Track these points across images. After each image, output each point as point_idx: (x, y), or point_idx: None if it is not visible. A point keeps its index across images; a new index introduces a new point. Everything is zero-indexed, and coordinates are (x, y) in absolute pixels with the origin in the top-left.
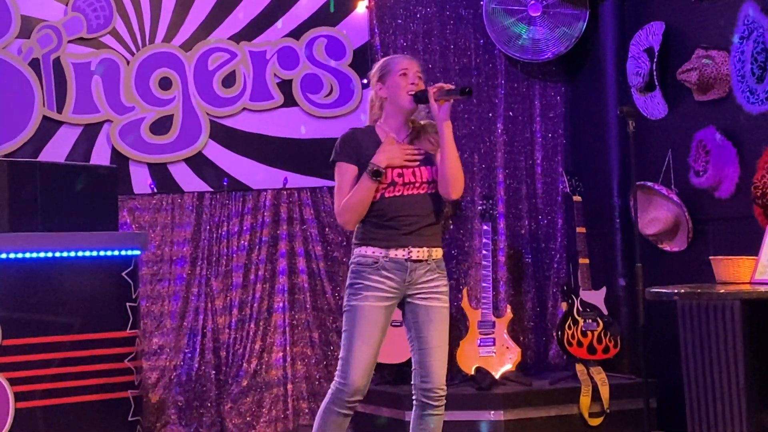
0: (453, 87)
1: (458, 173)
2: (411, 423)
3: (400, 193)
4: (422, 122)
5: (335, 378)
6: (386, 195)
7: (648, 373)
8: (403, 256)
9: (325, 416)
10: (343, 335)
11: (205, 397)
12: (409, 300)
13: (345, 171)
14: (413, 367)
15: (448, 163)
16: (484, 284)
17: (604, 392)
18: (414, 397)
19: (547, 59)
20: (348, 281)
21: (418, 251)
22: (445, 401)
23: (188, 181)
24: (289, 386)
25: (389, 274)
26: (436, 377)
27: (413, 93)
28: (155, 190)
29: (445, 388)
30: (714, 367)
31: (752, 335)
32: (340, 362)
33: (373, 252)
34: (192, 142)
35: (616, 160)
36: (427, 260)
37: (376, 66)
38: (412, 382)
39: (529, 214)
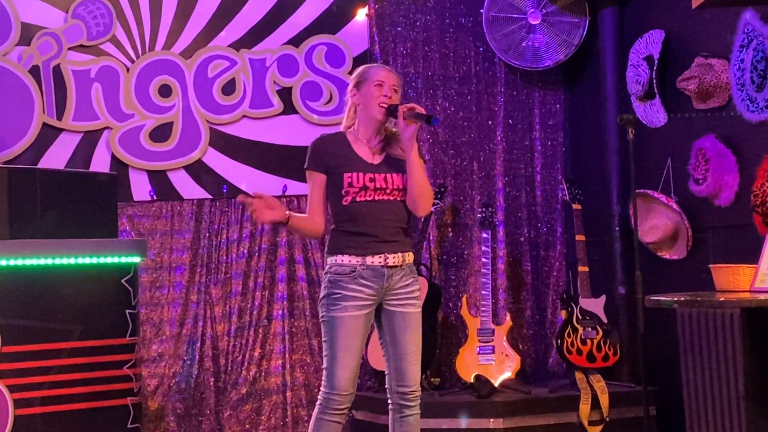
0: (423, 112)
1: (425, 191)
2: (390, 427)
3: (371, 197)
4: (393, 129)
5: (322, 388)
6: (358, 199)
7: (647, 381)
8: (380, 263)
9: (317, 427)
10: (324, 345)
11: (204, 404)
12: (385, 306)
13: (312, 179)
14: (387, 372)
15: (414, 182)
16: (483, 292)
17: (604, 400)
18: (390, 401)
19: (547, 67)
20: (324, 291)
21: (394, 257)
22: (419, 400)
23: (188, 188)
24: (288, 394)
25: (367, 282)
26: (412, 380)
27: (386, 105)
28: (155, 197)
29: (420, 388)
30: (714, 375)
31: (752, 343)
32: (324, 372)
33: (350, 260)
34: (192, 149)
35: (616, 168)
36: (401, 265)
37: (356, 72)
38: (386, 386)
39: (529, 221)
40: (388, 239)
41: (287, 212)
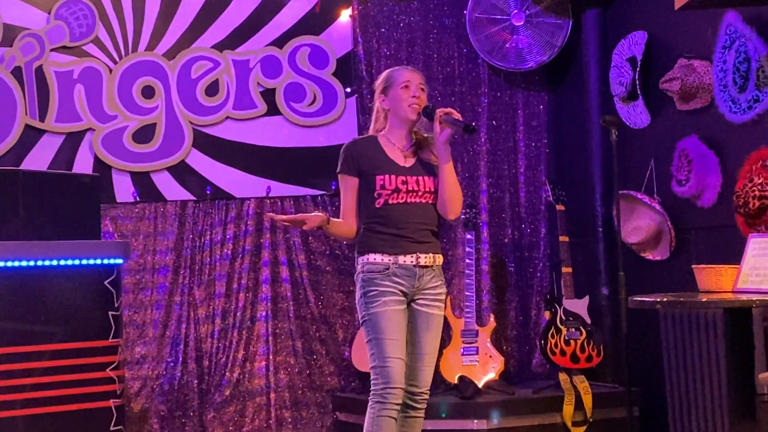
0: (460, 118)
1: (455, 195)
2: None
3: (403, 200)
4: (425, 135)
5: (376, 386)
6: (390, 202)
7: (631, 381)
8: (412, 262)
9: (377, 423)
10: (370, 344)
11: (188, 406)
12: (411, 304)
13: (346, 182)
14: None
15: (446, 185)
16: (467, 293)
17: (587, 401)
18: None
19: (530, 68)
20: (360, 291)
21: (425, 257)
22: (426, 404)
23: (171, 189)
24: (272, 395)
25: (400, 280)
26: (423, 381)
27: (416, 105)
28: (138, 199)
29: (429, 391)
30: (696, 375)
31: (734, 344)
32: (376, 371)
33: (382, 259)
34: (175, 150)
35: (599, 169)
36: (432, 266)
37: (380, 78)
38: None
39: (513, 222)
40: (420, 240)
41: (326, 215)
